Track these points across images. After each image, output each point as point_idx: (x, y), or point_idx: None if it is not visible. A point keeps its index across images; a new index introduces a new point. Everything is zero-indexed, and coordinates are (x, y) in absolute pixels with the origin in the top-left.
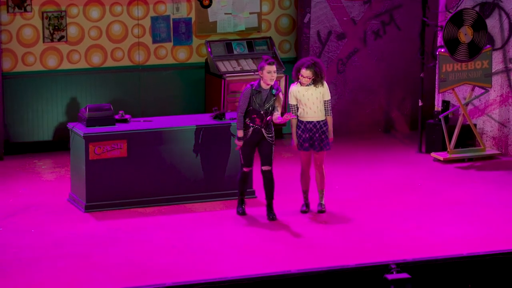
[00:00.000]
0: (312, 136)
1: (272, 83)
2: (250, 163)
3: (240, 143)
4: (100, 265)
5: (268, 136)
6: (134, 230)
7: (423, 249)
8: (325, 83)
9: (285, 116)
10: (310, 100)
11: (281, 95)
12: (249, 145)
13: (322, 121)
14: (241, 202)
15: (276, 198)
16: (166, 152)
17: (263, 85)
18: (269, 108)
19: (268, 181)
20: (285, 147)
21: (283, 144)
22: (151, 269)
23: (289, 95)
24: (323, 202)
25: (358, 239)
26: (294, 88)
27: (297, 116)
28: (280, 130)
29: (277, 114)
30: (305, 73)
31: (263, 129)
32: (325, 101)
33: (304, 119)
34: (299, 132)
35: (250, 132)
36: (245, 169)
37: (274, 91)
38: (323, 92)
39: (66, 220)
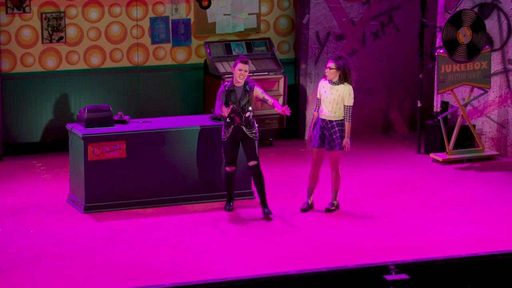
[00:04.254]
0: (322, 135)
1: (242, 81)
2: (233, 163)
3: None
4: (99, 265)
5: (249, 133)
6: (133, 231)
7: (422, 250)
8: (349, 88)
9: (284, 108)
10: (328, 98)
11: (258, 88)
12: (231, 143)
13: (335, 121)
14: (229, 200)
15: (276, 197)
16: (165, 153)
17: (235, 83)
18: (245, 105)
19: (257, 176)
20: (295, 147)
21: (297, 145)
22: (151, 270)
23: (317, 89)
24: (335, 202)
25: (357, 240)
26: (321, 83)
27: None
28: (296, 130)
29: (272, 103)
30: (329, 64)
31: (243, 127)
32: (345, 105)
33: (319, 115)
34: (314, 127)
35: (230, 131)
36: (227, 169)
37: (247, 88)
38: (343, 95)
39: (65, 221)
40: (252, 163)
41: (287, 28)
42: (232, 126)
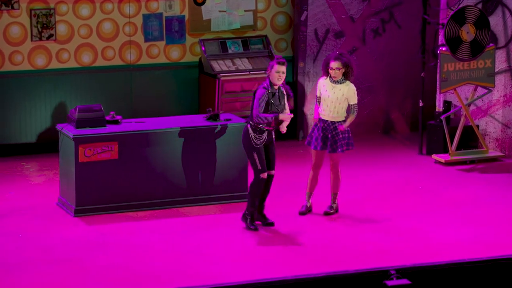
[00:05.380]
0: (324, 137)
1: (279, 83)
2: (266, 168)
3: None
4: (90, 270)
5: (274, 138)
6: (125, 235)
7: (424, 254)
8: (353, 87)
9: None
10: (330, 98)
11: (291, 101)
12: (263, 149)
13: (337, 122)
14: (253, 216)
15: (274, 200)
16: (159, 154)
17: (274, 85)
18: (283, 107)
19: (269, 185)
20: (292, 148)
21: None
22: (143, 275)
23: (317, 87)
24: (334, 205)
25: (357, 244)
26: (322, 81)
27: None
28: (294, 131)
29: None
30: (334, 64)
31: (273, 131)
32: (350, 104)
33: (321, 116)
34: (315, 128)
35: (265, 136)
36: (262, 176)
37: (282, 90)
38: (347, 96)
39: (55, 225)
40: (273, 172)
41: (284, 25)
42: (267, 131)
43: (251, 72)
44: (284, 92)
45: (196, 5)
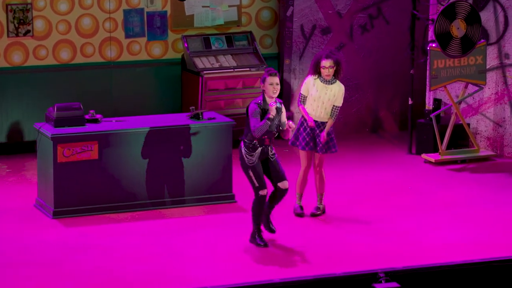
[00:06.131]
0: (313, 137)
1: (275, 95)
2: (265, 184)
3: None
4: (69, 274)
5: (271, 155)
6: (105, 237)
7: (414, 256)
8: (343, 87)
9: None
10: (321, 99)
11: (283, 109)
12: (258, 165)
13: (326, 122)
14: (259, 232)
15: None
16: (140, 154)
17: (268, 100)
18: (279, 124)
19: (283, 197)
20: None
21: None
22: (124, 278)
23: (303, 85)
24: (320, 206)
25: (345, 246)
26: (311, 80)
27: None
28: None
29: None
30: (326, 63)
31: (269, 147)
32: (334, 106)
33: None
34: (300, 127)
35: (259, 153)
36: (261, 193)
37: (279, 105)
38: (337, 96)
39: (33, 227)
40: (284, 185)
41: (269, 21)
42: (260, 148)
43: (235, 69)
44: (283, 109)
45: (178, 0)
